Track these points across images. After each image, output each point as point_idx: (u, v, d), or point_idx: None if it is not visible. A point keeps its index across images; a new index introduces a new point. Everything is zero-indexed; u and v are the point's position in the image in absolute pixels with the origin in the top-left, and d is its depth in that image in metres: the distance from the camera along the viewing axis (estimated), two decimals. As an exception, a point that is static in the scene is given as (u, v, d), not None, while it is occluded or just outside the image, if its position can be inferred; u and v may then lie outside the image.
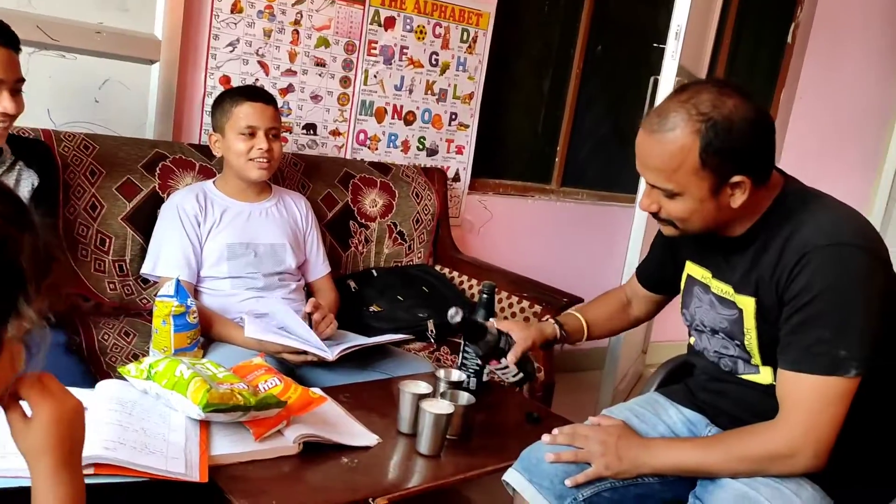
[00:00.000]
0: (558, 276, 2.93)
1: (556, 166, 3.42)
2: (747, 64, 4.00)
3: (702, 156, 1.23)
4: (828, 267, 1.21)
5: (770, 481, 1.27)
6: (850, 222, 1.27)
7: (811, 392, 1.21)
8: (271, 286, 2.06)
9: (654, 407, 1.55)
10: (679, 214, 1.32)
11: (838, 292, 1.20)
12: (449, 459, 1.49)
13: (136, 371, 1.41)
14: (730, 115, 1.22)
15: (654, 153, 1.28)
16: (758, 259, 1.31)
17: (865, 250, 1.22)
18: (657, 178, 1.29)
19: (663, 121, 1.25)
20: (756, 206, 1.31)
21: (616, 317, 1.76)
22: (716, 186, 1.25)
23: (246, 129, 1.98)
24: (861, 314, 1.20)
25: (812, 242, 1.23)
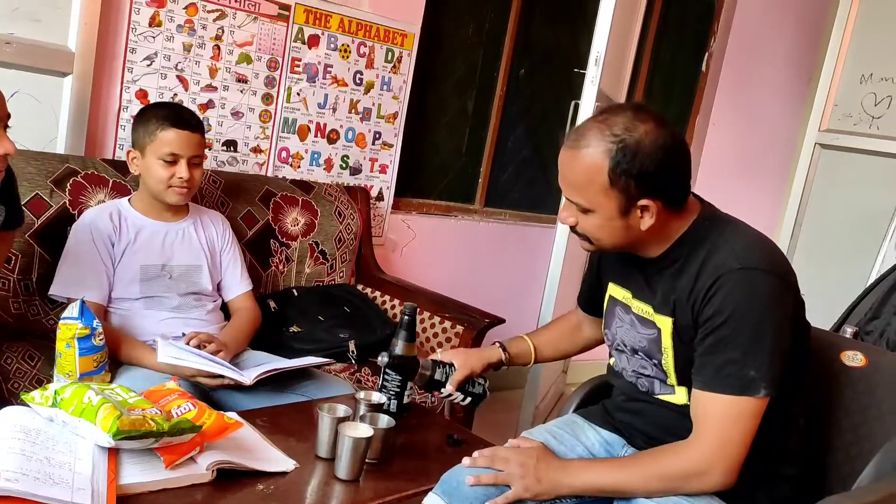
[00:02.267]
0: (482, 295, 2.96)
1: (480, 186, 3.46)
2: (664, 90, 4.15)
3: (610, 175, 1.27)
4: (739, 290, 1.26)
5: (682, 500, 1.30)
6: (762, 248, 1.33)
7: (722, 411, 1.26)
8: (186, 306, 2.00)
9: (572, 428, 1.58)
10: (591, 230, 1.37)
11: (748, 315, 1.25)
12: (368, 484, 1.47)
13: (40, 398, 1.34)
14: (640, 139, 1.26)
15: (569, 168, 1.33)
16: (675, 281, 1.35)
17: (775, 275, 1.28)
18: (572, 192, 1.34)
19: (580, 138, 1.31)
20: (671, 230, 1.36)
21: (565, 340, 1.79)
22: (624, 207, 1.30)
23: (168, 157, 1.93)
24: (770, 336, 1.25)
25: (725, 266, 1.28)
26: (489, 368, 1.68)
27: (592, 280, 1.64)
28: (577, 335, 1.79)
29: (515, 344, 1.73)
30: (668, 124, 1.31)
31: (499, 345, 1.71)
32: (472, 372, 1.65)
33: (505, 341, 1.73)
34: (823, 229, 3.11)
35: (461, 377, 1.64)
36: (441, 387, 1.63)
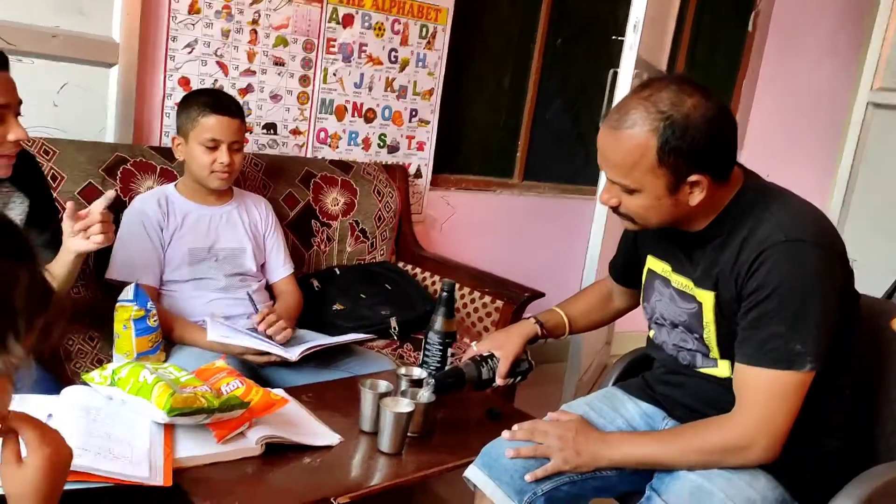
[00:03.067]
0: (521, 269, 2.99)
1: (518, 160, 3.46)
2: (708, 55, 4.06)
3: (659, 154, 1.24)
4: (784, 263, 1.24)
5: (724, 473, 1.30)
6: (808, 219, 1.30)
7: (766, 385, 1.25)
8: (233, 286, 2.07)
9: (611, 401, 1.59)
10: (637, 210, 1.34)
11: (794, 288, 1.23)
12: (410, 457, 1.52)
13: (99, 377, 1.42)
14: (688, 114, 1.23)
15: (613, 149, 1.30)
16: (718, 254, 1.34)
17: (822, 246, 1.25)
18: (616, 173, 1.31)
19: (623, 117, 1.27)
20: (716, 203, 1.33)
21: (597, 310, 1.78)
22: (673, 184, 1.27)
23: (210, 143, 1.99)
24: (817, 309, 1.23)
25: (770, 239, 1.26)
26: (527, 344, 1.69)
27: (629, 252, 1.63)
28: (609, 305, 1.78)
29: (550, 317, 1.73)
30: (714, 96, 1.27)
31: (534, 319, 1.72)
32: (515, 357, 1.65)
33: (539, 315, 1.74)
34: (877, 193, 3.02)
35: (506, 367, 1.63)
36: (492, 383, 1.64)
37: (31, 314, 0.76)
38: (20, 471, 0.88)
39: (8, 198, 1.65)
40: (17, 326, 0.74)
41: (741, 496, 1.28)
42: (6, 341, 0.74)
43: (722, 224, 1.34)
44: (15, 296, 0.74)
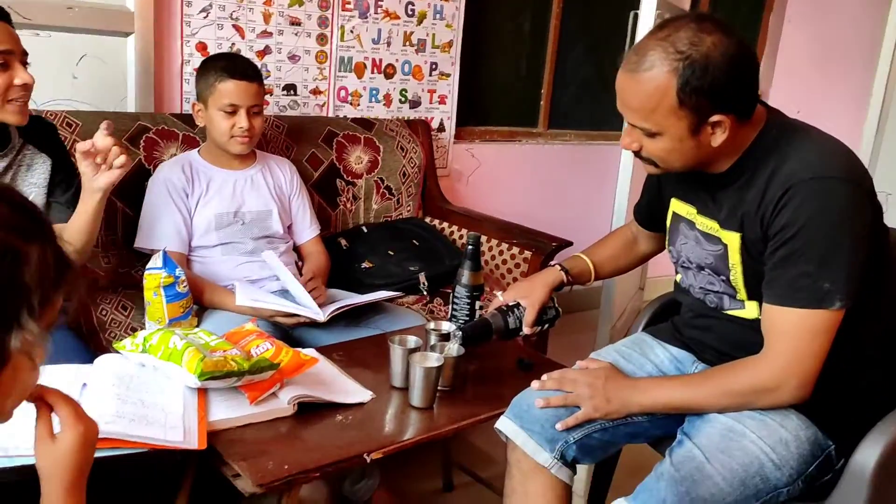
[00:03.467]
0: (549, 219, 2.96)
1: (542, 109, 3.41)
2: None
3: (679, 95, 1.21)
4: (811, 200, 1.21)
5: (756, 414, 1.30)
6: (834, 155, 1.27)
7: (795, 325, 1.23)
8: (260, 250, 2.08)
9: (640, 347, 1.58)
10: (659, 154, 1.32)
11: (822, 225, 1.21)
12: (442, 410, 1.53)
13: (131, 346, 1.44)
14: (708, 53, 1.20)
15: (632, 92, 1.27)
16: (743, 195, 1.31)
17: (849, 182, 1.22)
18: (636, 117, 1.29)
19: (641, 59, 1.24)
20: (739, 142, 1.30)
21: (622, 255, 1.76)
22: (695, 126, 1.25)
23: (228, 107, 1.98)
24: (845, 246, 1.21)
25: (796, 176, 1.23)
26: (552, 292, 1.68)
27: (653, 195, 1.60)
28: (634, 250, 1.76)
29: (575, 263, 1.72)
30: (734, 32, 1.24)
31: (559, 267, 1.70)
32: (541, 305, 1.63)
33: (564, 262, 1.73)
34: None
35: (533, 316, 1.62)
36: (519, 332, 1.63)
37: (47, 291, 0.76)
38: (54, 446, 0.90)
39: (31, 159, 1.72)
40: (31, 303, 0.75)
41: (773, 437, 1.27)
42: (20, 319, 0.74)
43: (746, 164, 1.31)
44: (25, 274, 0.74)
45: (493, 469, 1.73)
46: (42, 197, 1.73)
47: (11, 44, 1.57)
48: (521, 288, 1.69)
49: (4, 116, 1.61)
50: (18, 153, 1.71)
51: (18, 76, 1.58)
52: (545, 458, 1.39)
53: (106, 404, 1.28)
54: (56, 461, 0.90)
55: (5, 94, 1.58)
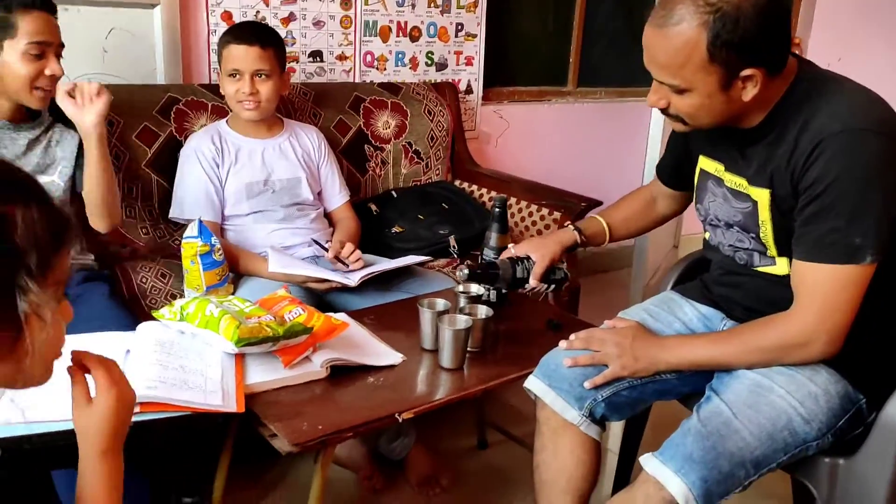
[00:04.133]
0: (579, 178, 2.95)
1: (571, 67, 3.37)
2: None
3: (710, 49, 1.19)
4: (842, 154, 1.19)
5: (784, 369, 1.30)
6: (867, 106, 1.24)
7: (825, 281, 1.22)
8: (291, 216, 2.12)
9: (668, 305, 1.58)
10: (687, 110, 1.30)
11: (852, 180, 1.19)
12: (472, 371, 1.56)
13: (169, 314, 1.49)
14: (739, 5, 1.17)
15: (660, 48, 1.24)
16: (772, 150, 1.29)
17: (882, 135, 1.20)
18: (664, 73, 1.27)
19: (669, 14, 1.21)
20: (770, 96, 1.28)
21: (639, 216, 1.75)
22: (726, 81, 1.22)
23: (232, 71, 2.01)
24: (877, 201, 1.19)
25: (827, 130, 1.21)
26: (565, 252, 1.68)
27: (679, 153, 1.58)
28: (651, 211, 1.75)
29: (589, 224, 1.71)
30: None
31: (572, 227, 1.70)
32: (551, 261, 1.64)
33: (579, 223, 1.72)
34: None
35: (542, 269, 1.62)
36: (525, 283, 1.64)
37: (44, 251, 0.77)
38: (90, 409, 0.94)
39: (61, 135, 1.83)
40: (28, 265, 0.76)
41: (802, 391, 1.27)
42: (18, 281, 0.76)
43: (776, 118, 1.29)
44: (16, 236, 0.75)
45: (526, 427, 1.76)
46: (70, 168, 1.83)
47: (50, 35, 1.68)
48: (533, 242, 1.69)
49: (29, 101, 1.72)
50: (48, 129, 1.81)
51: (50, 67, 1.68)
52: (573, 415, 1.41)
53: (149, 370, 1.33)
54: (91, 424, 0.94)
55: (33, 82, 1.69)
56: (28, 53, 1.65)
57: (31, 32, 1.65)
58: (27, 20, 1.64)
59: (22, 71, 1.66)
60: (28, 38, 1.65)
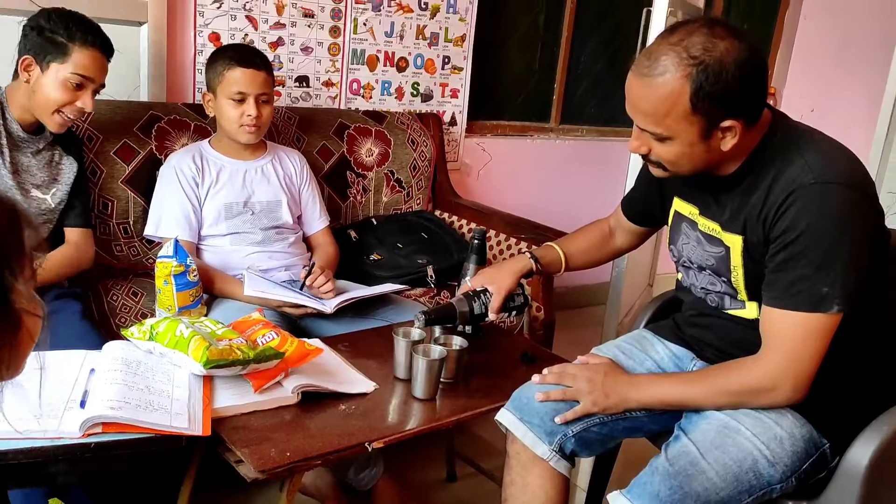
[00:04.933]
0: (558, 214, 2.96)
1: (555, 104, 3.41)
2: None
3: (692, 100, 1.22)
4: (813, 205, 1.22)
5: (751, 411, 1.31)
6: (838, 159, 1.27)
7: (793, 328, 1.24)
8: (269, 239, 2.11)
9: (641, 343, 1.59)
10: (669, 157, 1.32)
11: (822, 230, 1.22)
12: (444, 402, 1.55)
13: (138, 333, 1.47)
14: (721, 59, 1.20)
15: (643, 97, 1.27)
16: (746, 198, 1.32)
17: (851, 188, 1.23)
18: (647, 121, 1.29)
19: (653, 64, 1.24)
20: (746, 146, 1.31)
21: (596, 248, 1.77)
22: (706, 130, 1.25)
23: (236, 95, 2.00)
24: (845, 251, 1.22)
25: (799, 181, 1.24)
26: (520, 279, 1.68)
27: (651, 191, 1.59)
28: (609, 244, 1.77)
29: (546, 252, 1.72)
30: (745, 37, 1.24)
31: (529, 254, 1.70)
32: (508, 292, 1.64)
33: (535, 250, 1.73)
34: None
35: (499, 302, 1.63)
36: (484, 318, 1.64)
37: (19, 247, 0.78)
38: None
39: (60, 157, 1.88)
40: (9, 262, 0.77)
41: (768, 434, 1.28)
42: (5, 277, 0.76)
43: (750, 167, 1.32)
44: None
45: (496, 460, 1.75)
46: (65, 195, 1.87)
47: (96, 74, 1.78)
48: (488, 274, 1.69)
49: (47, 122, 1.78)
50: (51, 146, 1.87)
51: (82, 100, 1.77)
52: (544, 450, 1.41)
53: (113, 390, 1.30)
54: None
55: (61, 107, 1.75)
56: (69, 82, 1.73)
57: (79, 65, 1.73)
58: (82, 53, 1.73)
59: (55, 95, 1.73)
60: (74, 69, 1.73)
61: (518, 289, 1.68)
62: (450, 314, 1.63)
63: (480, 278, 1.69)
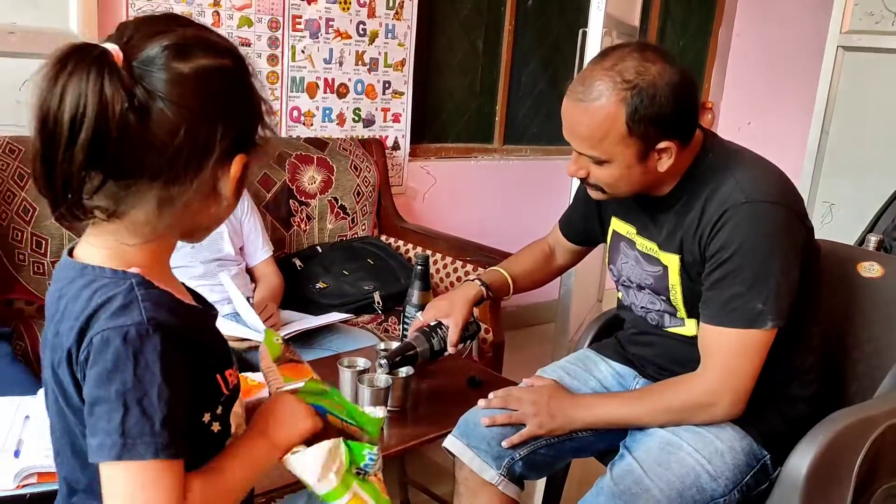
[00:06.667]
0: (506, 235, 2.97)
1: (497, 125, 3.44)
2: (683, 3, 4.02)
3: (628, 123, 1.24)
4: (745, 223, 1.25)
5: (692, 427, 1.33)
6: (768, 178, 1.31)
7: (728, 344, 1.27)
8: (211, 273, 2.08)
9: (585, 363, 1.61)
10: (607, 180, 1.33)
11: (755, 248, 1.25)
12: (391, 431, 1.53)
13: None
14: (654, 82, 1.22)
15: (580, 122, 1.28)
16: (681, 218, 1.34)
17: (781, 206, 1.26)
18: (584, 146, 1.30)
19: (588, 90, 1.25)
20: (680, 166, 1.34)
21: (540, 268, 1.77)
22: (643, 153, 1.27)
23: None
24: (777, 268, 1.25)
25: (731, 200, 1.27)
26: (473, 307, 1.64)
27: (590, 211, 1.61)
28: (551, 264, 1.77)
29: (494, 277, 1.69)
30: (675, 60, 1.27)
31: (478, 281, 1.67)
32: (464, 322, 1.59)
33: (483, 275, 1.70)
34: (851, 136, 3.02)
35: (457, 335, 1.57)
36: (444, 352, 1.60)
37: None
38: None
39: None
40: None
41: (709, 448, 1.30)
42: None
43: (684, 187, 1.35)
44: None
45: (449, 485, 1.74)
46: None
47: None
48: (440, 307, 1.62)
49: None
50: None
51: None
52: (492, 475, 1.41)
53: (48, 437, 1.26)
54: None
55: None
56: None
57: None
58: None
59: None
60: None
61: (470, 318, 1.65)
62: (412, 356, 1.57)
63: (433, 311, 1.62)
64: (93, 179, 0.74)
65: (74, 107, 0.70)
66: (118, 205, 0.76)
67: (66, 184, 0.74)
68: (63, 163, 0.72)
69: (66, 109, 0.71)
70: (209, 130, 0.76)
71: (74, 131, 0.71)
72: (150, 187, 0.76)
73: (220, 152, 0.78)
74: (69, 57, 0.72)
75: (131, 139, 0.72)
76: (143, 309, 0.75)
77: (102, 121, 0.71)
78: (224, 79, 0.78)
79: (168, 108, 0.73)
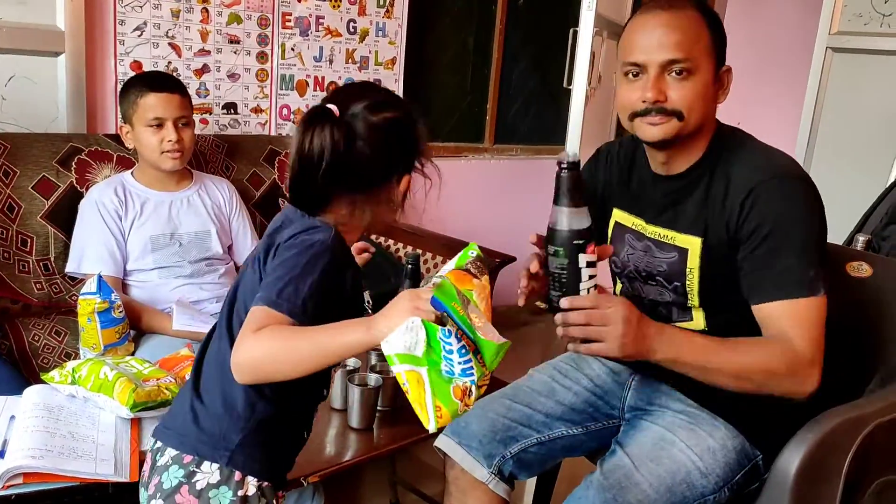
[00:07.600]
0: (496, 234, 2.97)
1: (488, 124, 3.44)
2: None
3: (711, 33, 1.29)
4: (778, 199, 1.25)
5: (686, 423, 1.33)
6: (784, 158, 1.33)
7: (803, 313, 1.23)
8: (199, 272, 2.06)
9: (577, 363, 1.59)
10: (688, 99, 1.28)
11: (794, 220, 1.25)
12: (381, 431, 1.53)
13: (59, 377, 1.41)
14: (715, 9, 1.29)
15: (674, 26, 1.28)
16: (702, 199, 1.33)
17: (804, 180, 1.29)
18: (677, 51, 1.26)
19: (674, 1, 1.30)
20: (696, 146, 1.34)
21: None
22: (716, 71, 1.31)
23: (153, 121, 1.96)
24: (815, 239, 1.26)
25: (755, 178, 1.27)
26: None
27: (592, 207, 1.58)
28: None
29: None
30: None
31: None
32: None
33: None
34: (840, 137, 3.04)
35: None
36: None
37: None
38: None
39: None
40: None
41: (701, 445, 1.30)
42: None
43: (702, 169, 1.35)
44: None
45: (439, 485, 1.73)
46: None
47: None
48: None
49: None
50: None
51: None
52: (483, 473, 1.40)
53: (33, 438, 1.25)
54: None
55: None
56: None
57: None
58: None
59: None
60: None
61: None
62: None
63: None
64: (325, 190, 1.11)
65: (320, 146, 1.07)
66: (332, 204, 1.13)
67: (312, 193, 1.12)
68: (312, 180, 1.09)
69: (316, 148, 1.07)
70: (389, 160, 1.14)
71: (319, 161, 1.08)
72: (353, 195, 1.13)
73: (394, 174, 1.16)
74: (311, 114, 1.11)
75: (346, 164, 1.08)
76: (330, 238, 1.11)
77: (334, 154, 1.07)
78: (399, 127, 1.14)
79: (365, 146, 1.10)
